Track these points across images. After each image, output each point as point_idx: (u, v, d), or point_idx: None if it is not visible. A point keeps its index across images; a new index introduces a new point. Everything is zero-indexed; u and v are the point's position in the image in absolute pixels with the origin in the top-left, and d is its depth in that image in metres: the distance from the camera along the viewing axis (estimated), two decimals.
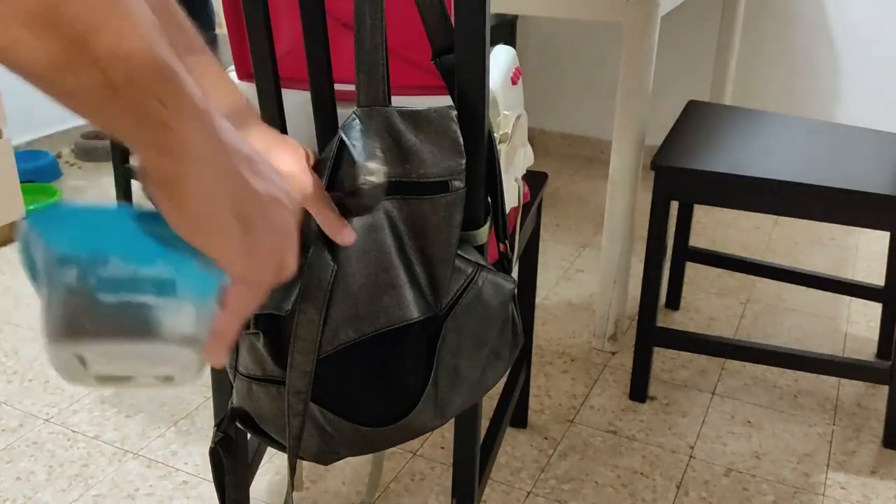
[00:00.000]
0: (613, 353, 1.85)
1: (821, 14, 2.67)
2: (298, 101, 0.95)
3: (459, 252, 0.86)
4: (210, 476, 1.43)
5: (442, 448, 1.54)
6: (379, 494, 1.42)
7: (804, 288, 2.14)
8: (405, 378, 0.86)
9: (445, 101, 0.85)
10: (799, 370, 1.58)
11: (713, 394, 1.72)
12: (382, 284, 0.82)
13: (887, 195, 1.41)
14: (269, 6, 0.85)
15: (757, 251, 2.36)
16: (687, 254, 1.96)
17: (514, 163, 1.06)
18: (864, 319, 2.00)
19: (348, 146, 0.78)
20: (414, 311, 0.83)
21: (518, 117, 1.03)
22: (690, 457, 1.53)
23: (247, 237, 0.48)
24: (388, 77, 0.80)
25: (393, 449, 1.53)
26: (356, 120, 0.79)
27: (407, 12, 0.89)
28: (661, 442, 1.57)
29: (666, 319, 1.99)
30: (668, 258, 2.09)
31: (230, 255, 0.48)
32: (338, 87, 0.87)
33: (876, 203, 1.42)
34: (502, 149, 0.97)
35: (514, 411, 1.58)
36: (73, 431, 1.57)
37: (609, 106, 3.04)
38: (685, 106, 1.88)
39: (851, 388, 1.74)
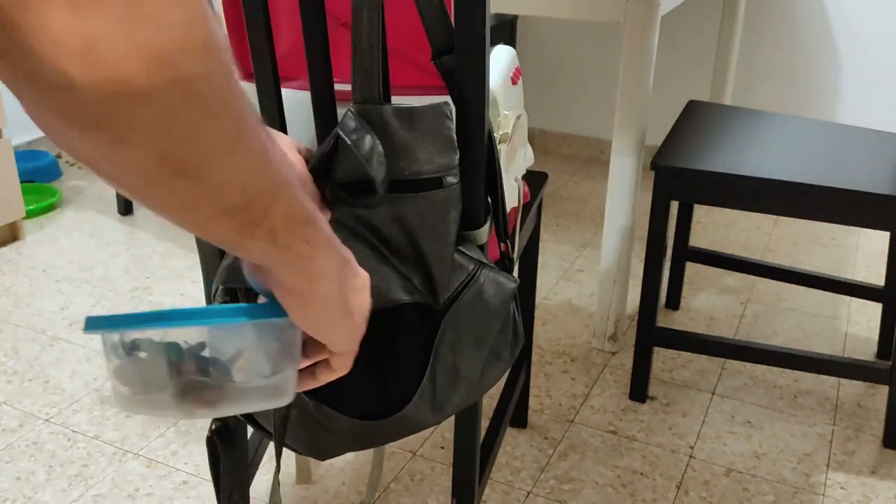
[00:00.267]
0: (613, 353, 1.85)
1: (821, 14, 2.67)
2: (300, 100, 0.95)
3: (462, 249, 0.86)
4: (210, 476, 1.43)
5: (442, 448, 1.54)
6: (379, 494, 1.42)
7: (804, 288, 2.14)
8: (402, 373, 0.86)
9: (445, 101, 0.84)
10: (799, 370, 1.58)
11: (713, 394, 1.72)
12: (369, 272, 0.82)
13: (887, 195, 1.41)
14: (269, 6, 0.85)
15: (757, 251, 2.36)
16: (687, 254, 1.96)
17: (514, 163, 1.06)
18: (864, 319, 2.00)
19: (342, 139, 0.78)
20: (403, 295, 0.83)
21: (518, 117, 1.03)
22: (690, 457, 1.53)
23: (352, 324, 0.61)
24: (384, 75, 0.80)
25: (393, 449, 1.53)
26: (351, 117, 0.79)
27: (407, 12, 0.89)
28: (661, 442, 1.57)
29: (666, 319, 1.99)
30: (668, 258, 2.09)
31: (341, 338, 0.61)
32: (338, 86, 0.87)
33: (876, 203, 1.42)
34: (502, 149, 0.97)
35: (514, 411, 1.58)
36: (73, 431, 1.57)
37: (609, 106, 3.04)
38: (685, 106, 1.88)
39: (851, 388, 1.74)
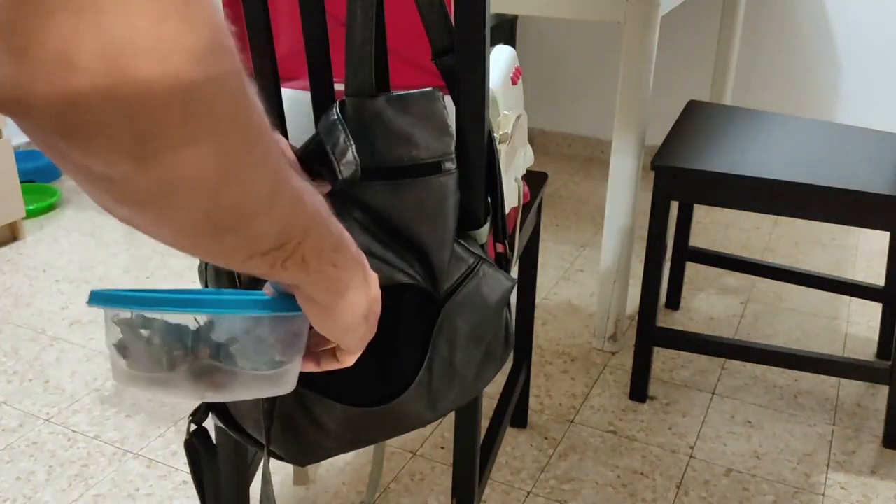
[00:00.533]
0: (613, 353, 1.85)
1: (821, 14, 2.67)
2: (300, 100, 0.95)
3: (462, 242, 0.86)
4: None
5: (442, 448, 1.54)
6: (379, 494, 1.42)
7: (804, 288, 2.14)
8: (399, 363, 0.85)
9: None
10: (799, 370, 1.58)
11: (713, 394, 1.72)
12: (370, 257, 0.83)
13: (887, 195, 1.41)
14: (269, 6, 0.85)
15: (757, 251, 2.36)
16: (687, 254, 1.96)
17: (514, 163, 1.06)
18: (864, 319, 2.00)
19: (320, 130, 0.78)
20: (402, 277, 0.83)
21: (518, 117, 1.03)
22: (690, 457, 1.53)
23: (367, 328, 0.65)
24: (378, 70, 0.80)
25: (393, 449, 1.53)
26: (333, 112, 0.80)
27: (407, 12, 0.89)
28: (661, 442, 1.57)
29: (666, 319, 1.99)
30: (668, 258, 2.09)
31: (355, 341, 0.65)
32: (338, 86, 0.87)
33: (876, 203, 1.42)
34: (502, 149, 0.97)
35: (514, 411, 1.58)
36: (73, 431, 1.57)
37: (609, 106, 3.04)
38: (685, 106, 1.88)
39: (851, 388, 1.74)
